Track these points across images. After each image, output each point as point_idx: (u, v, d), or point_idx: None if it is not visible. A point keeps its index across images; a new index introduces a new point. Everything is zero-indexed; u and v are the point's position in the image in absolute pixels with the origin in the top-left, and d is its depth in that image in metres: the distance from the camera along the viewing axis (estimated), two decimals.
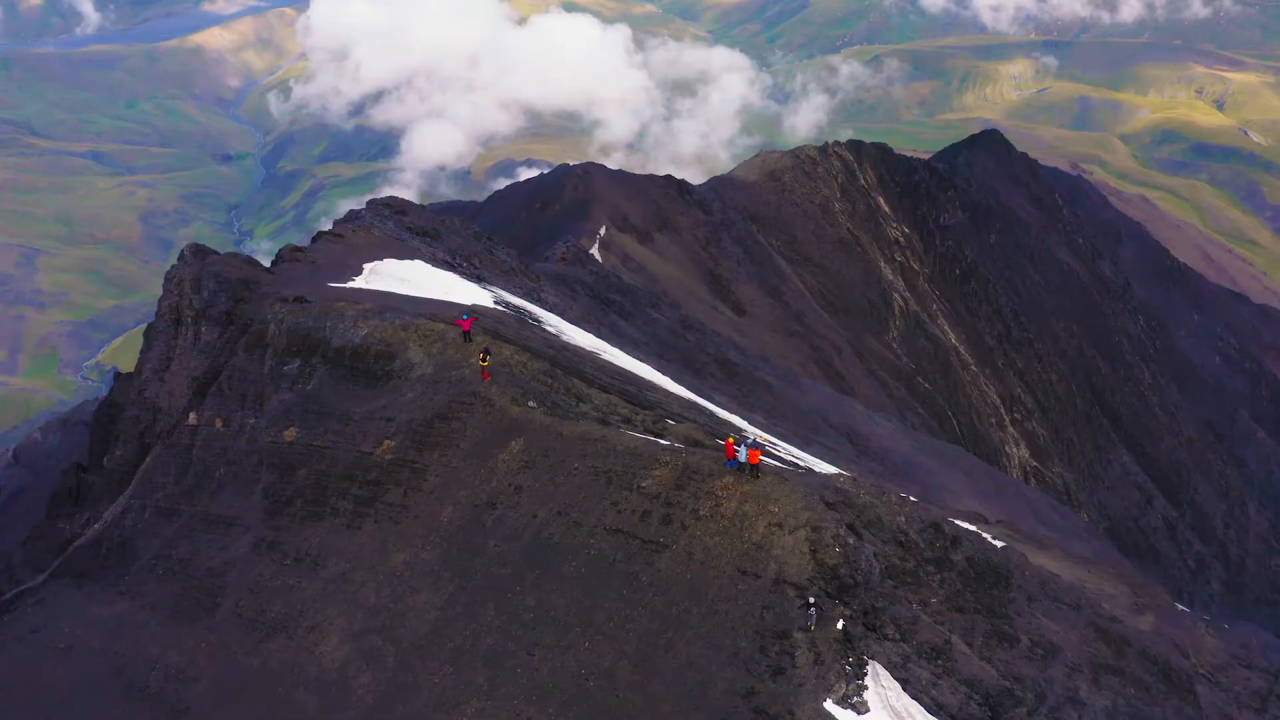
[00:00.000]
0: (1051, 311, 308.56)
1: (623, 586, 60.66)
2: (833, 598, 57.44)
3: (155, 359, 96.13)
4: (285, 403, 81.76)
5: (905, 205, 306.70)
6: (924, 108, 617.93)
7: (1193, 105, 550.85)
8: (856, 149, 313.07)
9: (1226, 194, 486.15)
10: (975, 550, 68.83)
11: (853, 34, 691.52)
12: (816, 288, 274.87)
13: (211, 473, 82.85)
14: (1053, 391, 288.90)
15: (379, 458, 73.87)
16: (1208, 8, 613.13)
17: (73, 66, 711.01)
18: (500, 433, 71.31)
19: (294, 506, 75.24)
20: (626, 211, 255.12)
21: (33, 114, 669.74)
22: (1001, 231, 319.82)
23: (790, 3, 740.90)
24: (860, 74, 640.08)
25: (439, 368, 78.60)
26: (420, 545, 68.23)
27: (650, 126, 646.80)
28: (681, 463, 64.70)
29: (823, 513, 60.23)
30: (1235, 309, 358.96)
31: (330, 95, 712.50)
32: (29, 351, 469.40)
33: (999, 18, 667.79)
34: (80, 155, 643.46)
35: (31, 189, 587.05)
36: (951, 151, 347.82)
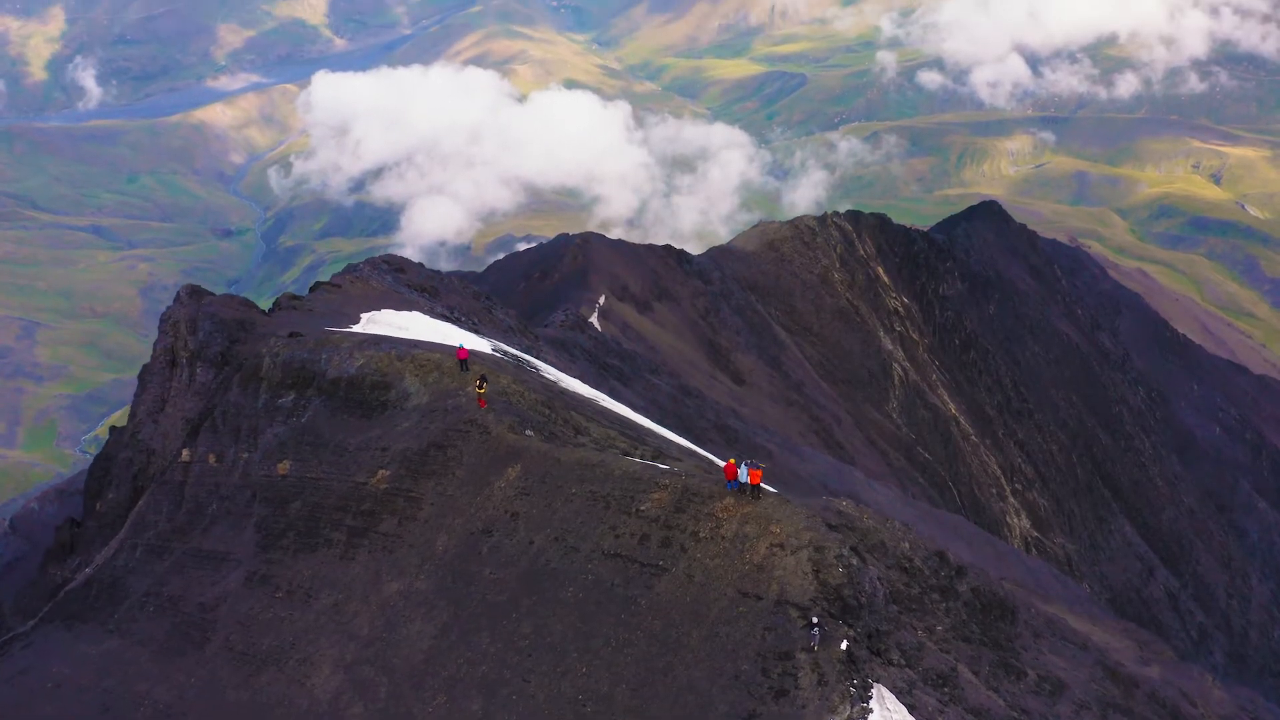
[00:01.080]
0: (1051, 382, 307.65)
1: (621, 611, 59.37)
2: (836, 618, 56.02)
3: (150, 401, 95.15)
4: (279, 436, 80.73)
5: (904, 276, 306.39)
6: (922, 183, 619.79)
7: (1190, 179, 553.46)
8: (855, 219, 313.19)
9: (1224, 267, 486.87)
10: (981, 582, 67.55)
11: (851, 111, 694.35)
12: (816, 358, 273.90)
13: (204, 509, 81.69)
14: (1053, 462, 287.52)
15: (373, 487, 72.76)
16: (1204, 83, 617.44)
17: (75, 141, 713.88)
18: (497, 460, 70.21)
19: (286, 539, 74.05)
20: (626, 281, 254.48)
21: (34, 188, 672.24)
22: (1001, 302, 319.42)
23: (789, 80, 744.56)
24: (859, 150, 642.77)
25: (435, 396, 77.63)
26: (415, 574, 66.99)
27: (650, 203, 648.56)
28: (681, 485, 63.57)
29: (825, 533, 59.00)
30: (1235, 380, 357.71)
31: (331, 171, 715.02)
32: (27, 425, 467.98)
33: (996, 94, 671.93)
34: (81, 229, 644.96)
35: (32, 262, 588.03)
36: (950, 223, 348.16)
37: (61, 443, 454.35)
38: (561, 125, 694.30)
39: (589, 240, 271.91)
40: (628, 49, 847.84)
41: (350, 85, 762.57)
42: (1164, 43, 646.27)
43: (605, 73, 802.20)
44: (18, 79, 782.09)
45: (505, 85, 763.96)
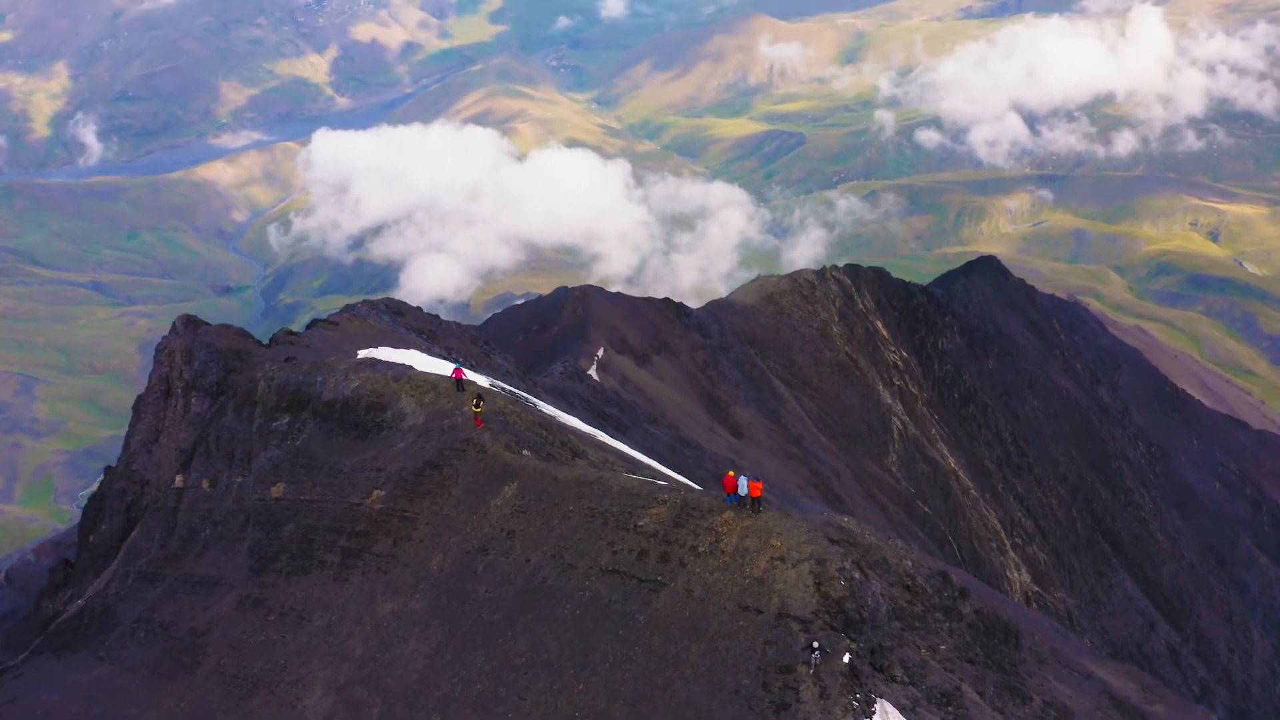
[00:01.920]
0: (1051, 436, 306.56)
1: (619, 627, 58.36)
2: (838, 632, 55.02)
3: (144, 431, 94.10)
4: (273, 459, 79.81)
5: (903, 330, 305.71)
6: (921, 241, 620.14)
7: (1188, 237, 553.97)
8: (854, 274, 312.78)
9: (1223, 324, 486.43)
10: (984, 604, 66.53)
11: (849, 169, 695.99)
12: (815, 411, 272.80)
13: (197, 535, 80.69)
14: (1053, 516, 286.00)
15: (368, 508, 71.81)
16: (1201, 140, 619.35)
17: (75, 197, 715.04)
18: (493, 478, 69.32)
19: (279, 562, 73.03)
20: (625, 334, 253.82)
21: (34, 243, 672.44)
22: (1000, 356, 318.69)
23: (787, 139, 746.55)
24: (858, 208, 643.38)
25: (431, 417, 76.78)
26: (409, 594, 65.97)
27: (650, 260, 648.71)
28: (680, 500, 62.69)
29: (827, 547, 58.05)
30: (1234, 435, 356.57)
31: (330, 228, 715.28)
32: (25, 480, 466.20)
33: (994, 152, 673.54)
34: (81, 285, 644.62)
35: (31, 318, 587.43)
36: (949, 278, 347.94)
37: (59, 498, 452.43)
38: (561, 183, 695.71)
39: (588, 293, 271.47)
40: (628, 108, 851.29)
41: (350, 143, 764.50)
42: (1161, 101, 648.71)
43: (605, 132, 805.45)
44: (20, 135, 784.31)
45: (505, 144, 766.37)
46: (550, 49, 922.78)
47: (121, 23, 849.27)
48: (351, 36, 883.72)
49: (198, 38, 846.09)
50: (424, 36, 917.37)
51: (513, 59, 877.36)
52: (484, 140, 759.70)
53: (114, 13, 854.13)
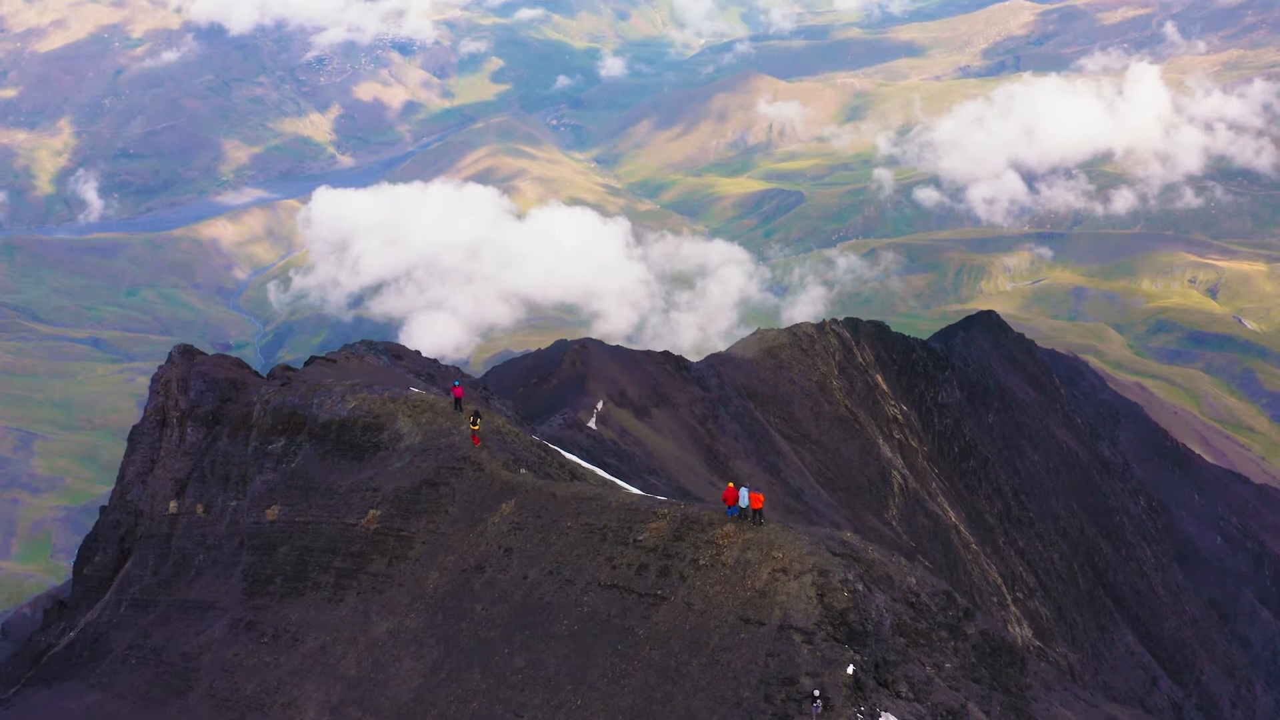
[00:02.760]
0: (1052, 491, 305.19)
1: (618, 641, 57.38)
2: (841, 643, 54.01)
3: (139, 462, 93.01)
4: (269, 482, 78.91)
5: (903, 383, 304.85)
6: (920, 299, 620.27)
7: (1187, 294, 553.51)
8: (854, 327, 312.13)
9: (1223, 381, 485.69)
10: (990, 626, 65.49)
11: (848, 228, 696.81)
12: (815, 465, 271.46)
13: (190, 560, 79.68)
14: (1055, 570, 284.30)
15: (364, 528, 70.86)
16: (1199, 198, 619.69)
17: (75, 253, 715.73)
18: (490, 496, 68.43)
19: (273, 585, 72.04)
20: (624, 386, 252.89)
21: (34, 299, 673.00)
22: (1000, 411, 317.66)
23: (786, 198, 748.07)
24: (857, 267, 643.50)
25: (429, 436, 75.91)
26: (404, 613, 64.98)
27: (649, 319, 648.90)
28: (680, 514, 61.85)
29: (830, 558, 57.14)
30: (1235, 489, 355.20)
31: (330, 286, 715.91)
32: (22, 536, 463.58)
33: (993, 210, 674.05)
34: (80, 341, 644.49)
35: (31, 373, 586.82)
36: (948, 332, 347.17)
37: (56, 555, 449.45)
38: (561, 242, 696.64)
39: (587, 346, 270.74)
40: (629, 167, 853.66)
41: (351, 201, 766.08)
42: (1159, 159, 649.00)
43: (606, 190, 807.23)
44: (22, 191, 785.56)
45: (505, 202, 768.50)
46: (550, 108, 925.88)
47: (123, 80, 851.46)
48: (354, 96, 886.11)
49: (199, 96, 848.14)
50: (426, 96, 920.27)
51: (513, 118, 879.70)
52: (484, 198, 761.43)
53: (116, 70, 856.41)
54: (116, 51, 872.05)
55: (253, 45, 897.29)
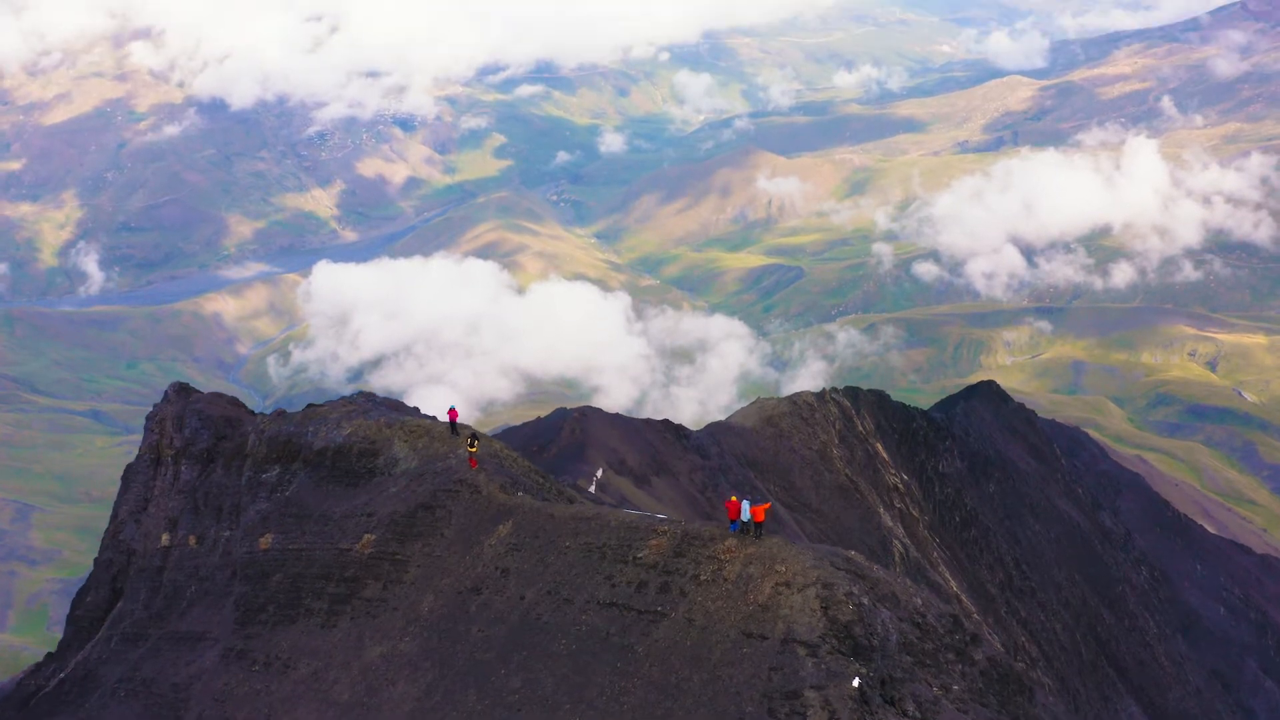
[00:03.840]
0: (1053, 561, 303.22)
1: (617, 659, 56.10)
2: (846, 656, 52.71)
3: (132, 500, 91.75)
4: (262, 511, 77.72)
5: (903, 452, 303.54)
6: (920, 374, 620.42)
7: (1186, 367, 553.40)
8: (854, 396, 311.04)
9: (1223, 454, 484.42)
10: (997, 653, 64.11)
11: (848, 303, 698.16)
12: (815, 534, 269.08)
13: (182, 592, 78.33)
14: (1057, 641, 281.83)
15: (358, 553, 69.62)
16: (1198, 271, 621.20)
17: (76, 326, 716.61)
18: (488, 518, 67.27)
19: (266, 613, 70.71)
20: (624, 455, 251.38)
21: (34, 371, 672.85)
22: (1000, 480, 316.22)
23: (786, 273, 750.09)
24: (857, 341, 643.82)
25: (425, 460, 74.86)
26: (399, 637, 63.69)
27: (649, 393, 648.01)
28: (681, 531, 60.73)
29: (834, 572, 55.94)
30: (1237, 560, 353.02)
31: (329, 360, 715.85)
32: (19, 608, 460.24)
33: (992, 285, 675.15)
34: (80, 414, 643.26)
35: (29, 445, 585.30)
36: (949, 402, 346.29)
37: (53, 627, 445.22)
38: (561, 316, 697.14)
39: (586, 414, 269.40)
40: (629, 242, 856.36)
41: (351, 276, 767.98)
42: (1158, 233, 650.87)
43: (607, 266, 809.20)
44: (23, 263, 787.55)
45: (505, 276, 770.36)
46: (551, 184, 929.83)
47: (125, 154, 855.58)
48: (355, 171, 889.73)
49: (201, 170, 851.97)
50: (427, 171, 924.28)
51: (514, 193, 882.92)
52: (484, 273, 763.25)
53: (119, 144, 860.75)
54: (119, 125, 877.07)
55: (254, 120, 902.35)
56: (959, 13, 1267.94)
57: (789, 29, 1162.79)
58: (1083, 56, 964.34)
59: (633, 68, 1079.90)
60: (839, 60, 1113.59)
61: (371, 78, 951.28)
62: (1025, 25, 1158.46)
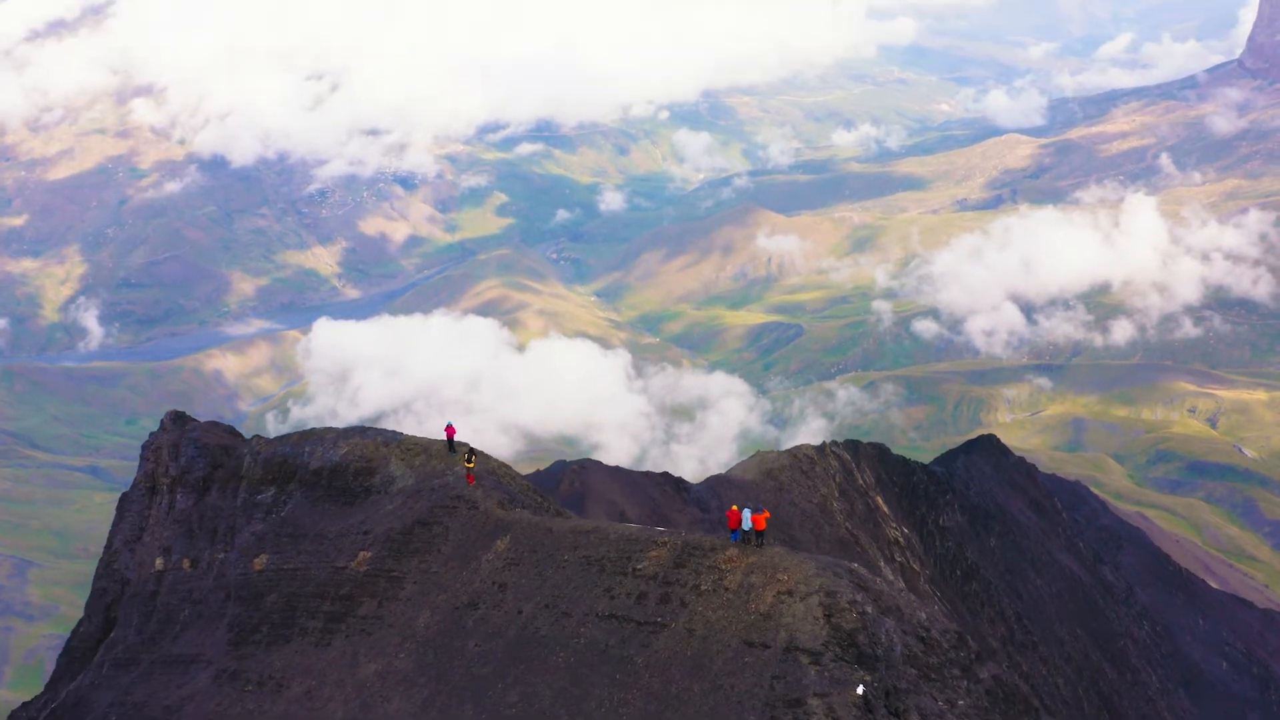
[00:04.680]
0: (1055, 615, 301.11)
1: (616, 671, 55.11)
2: (850, 664, 51.71)
3: (127, 530, 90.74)
4: (257, 533, 76.76)
5: (904, 506, 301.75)
6: (920, 431, 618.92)
7: (1186, 423, 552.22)
8: (854, 449, 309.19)
9: (1224, 511, 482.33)
10: (1003, 673, 63.06)
11: (847, 360, 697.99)
12: None
13: (175, 616, 77.32)
14: (1059, 695, 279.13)
15: (354, 571, 68.67)
16: (1198, 327, 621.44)
17: (75, 381, 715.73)
18: (485, 534, 66.35)
19: (259, 633, 69.69)
20: (623, 507, 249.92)
21: (32, 426, 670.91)
22: (1001, 534, 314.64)
23: (785, 331, 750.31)
24: (857, 399, 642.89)
25: (422, 478, 73.99)
26: (394, 654, 62.69)
27: (649, 450, 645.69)
28: (681, 542, 59.81)
29: (836, 580, 55.02)
30: (1240, 614, 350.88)
31: (328, 417, 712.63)
32: (16, 664, 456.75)
33: (992, 342, 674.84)
34: (78, 469, 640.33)
35: (27, 501, 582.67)
36: (949, 456, 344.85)
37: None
38: (561, 374, 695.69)
39: (586, 466, 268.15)
40: (629, 300, 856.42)
41: (350, 333, 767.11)
42: (1157, 289, 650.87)
43: (606, 324, 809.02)
44: (23, 319, 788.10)
45: (505, 334, 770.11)
46: (551, 242, 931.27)
47: (126, 210, 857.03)
48: (356, 228, 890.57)
49: (202, 226, 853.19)
50: (428, 229, 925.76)
51: (514, 251, 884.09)
52: (484, 330, 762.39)
53: (120, 200, 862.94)
54: (121, 182, 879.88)
55: (255, 177, 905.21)
56: (957, 72, 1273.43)
57: (788, 88, 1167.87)
58: (1081, 115, 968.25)
59: (632, 126, 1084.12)
60: (838, 119, 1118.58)
61: (372, 135, 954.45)
62: (1023, 84, 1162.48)
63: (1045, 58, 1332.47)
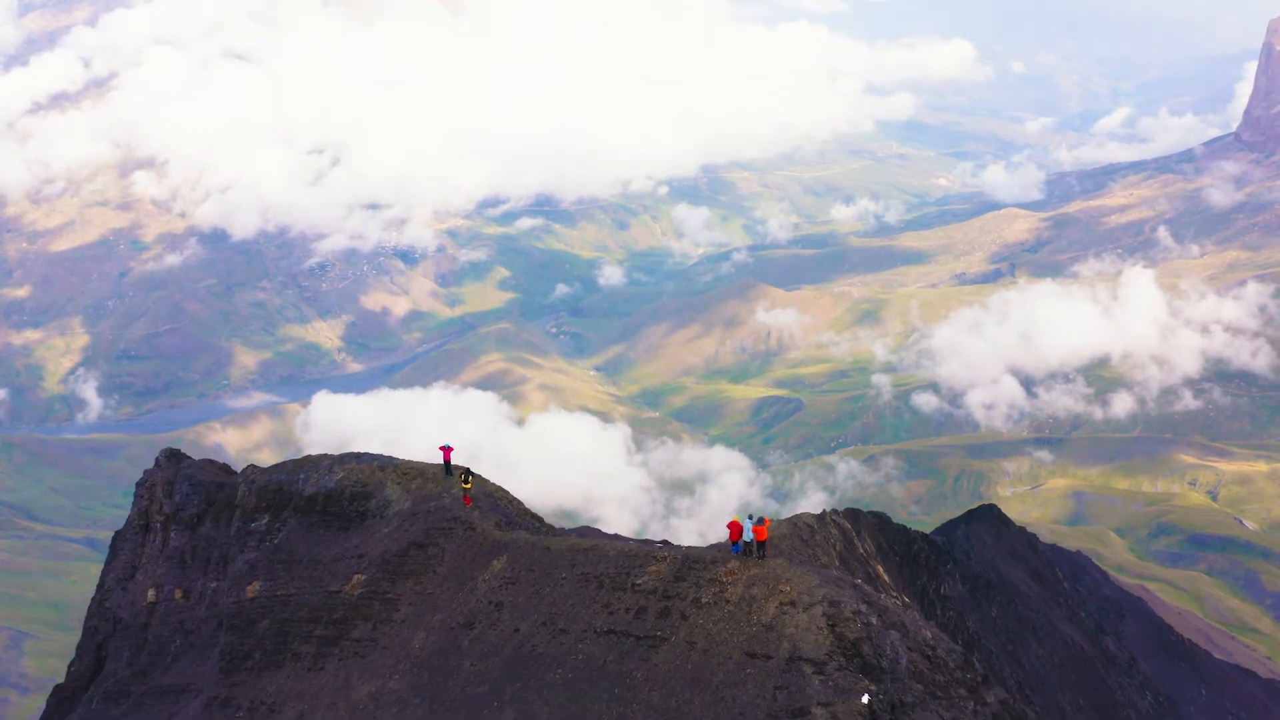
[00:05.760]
0: (1058, 685, 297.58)
1: (614, 686, 53.94)
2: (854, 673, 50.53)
3: (120, 568, 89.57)
4: (250, 560, 75.58)
5: (905, 575, 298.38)
6: (921, 505, 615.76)
7: (1187, 496, 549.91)
8: (854, 518, 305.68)
9: (1225, 583, 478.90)
10: (1010, 698, 61.83)
11: (847, 434, 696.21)
12: None
13: (167, 647, 76.09)
14: None
15: (348, 594, 67.51)
16: (1198, 400, 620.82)
17: (74, 453, 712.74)
18: (481, 554, 65.26)
19: (251, 660, 68.45)
20: None
21: (31, 498, 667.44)
22: (1003, 604, 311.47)
23: (785, 405, 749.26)
24: (857, 472, 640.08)
25: (418, 501, 72.95)
26: (388, 675, 61.48)
27: (649, 524, 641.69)
28: (681, 556, 58.78)
29: (840, 590, 53.95)
30: (1243, 685, 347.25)
31: None
32: None
33: (992, 416, 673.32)
34: (76, 541, 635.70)
35: (24, 572, 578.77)
36: (950, 526, 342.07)
37: None
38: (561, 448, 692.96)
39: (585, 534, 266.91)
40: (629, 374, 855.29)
41: (350, 406, 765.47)
42: (1157, 362, 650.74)
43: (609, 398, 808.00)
44: (23, 390, 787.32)
45: (505, 408, 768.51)
46: (550, 316, 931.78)
47: (127, 282, 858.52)
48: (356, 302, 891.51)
49: (202, 299, 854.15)
50: (429, 303, 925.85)
51: (514, 325, 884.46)
52: (484, 404, 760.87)
53: (120, 272, 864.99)
54: (122, 254, 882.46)
55: (256, 250, 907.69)
56: (955, 147, 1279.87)
57: (787, 163, 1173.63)
58: (1078, 189, 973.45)
59: (632, 201, 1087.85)
60: (837, 194, 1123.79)
61: (372, 210, 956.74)
62: (1021, 158, 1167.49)
63: (1043, 132, 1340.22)
